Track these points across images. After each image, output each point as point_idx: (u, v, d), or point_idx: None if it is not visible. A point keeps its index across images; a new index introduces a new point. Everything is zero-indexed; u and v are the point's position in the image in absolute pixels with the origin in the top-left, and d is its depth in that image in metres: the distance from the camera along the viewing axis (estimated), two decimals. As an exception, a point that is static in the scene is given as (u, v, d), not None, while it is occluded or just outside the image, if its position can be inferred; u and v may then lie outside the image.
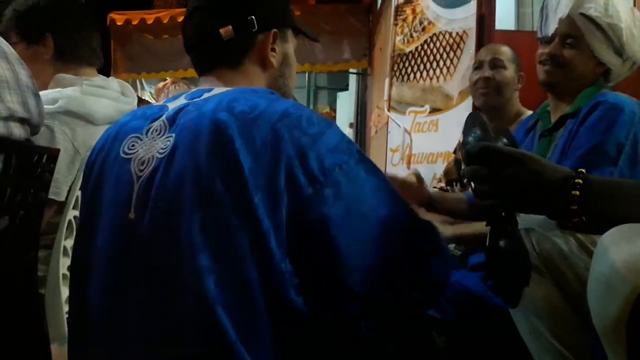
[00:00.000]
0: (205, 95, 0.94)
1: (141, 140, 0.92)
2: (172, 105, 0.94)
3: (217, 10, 1.02)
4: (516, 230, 0.82)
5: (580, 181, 0.73)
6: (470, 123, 0.88)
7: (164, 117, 0.92)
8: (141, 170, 0.89)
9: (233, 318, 0.80)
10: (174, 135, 0.88)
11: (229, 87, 0.97)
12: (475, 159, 0.77)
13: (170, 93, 3.11)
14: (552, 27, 1.49)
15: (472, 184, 0.79)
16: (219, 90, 0.95)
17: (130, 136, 0.93)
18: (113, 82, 1.55)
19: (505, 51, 2.06)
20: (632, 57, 1.44)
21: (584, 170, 0.74)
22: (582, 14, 1.41)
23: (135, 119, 0.97)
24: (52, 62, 1.49)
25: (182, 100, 0.95)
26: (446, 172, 2.25)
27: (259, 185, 0.81)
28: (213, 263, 0.81)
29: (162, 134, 0.90)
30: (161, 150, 0.88)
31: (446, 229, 1.62)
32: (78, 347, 0.95)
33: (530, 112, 2.05)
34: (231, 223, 0.81)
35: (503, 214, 0.80)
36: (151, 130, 0.92)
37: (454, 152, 2.34)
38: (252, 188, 0.81)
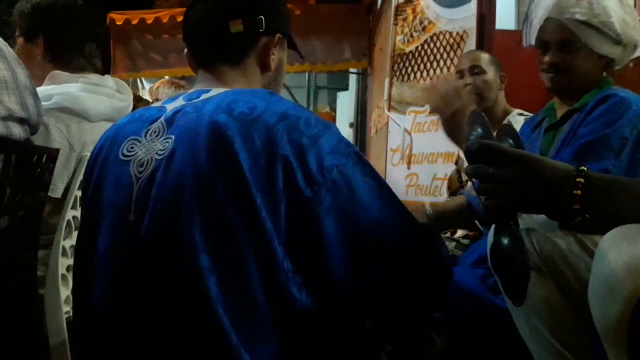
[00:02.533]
0: (204, 96, 0.94)
1: (140, 142, 0.91)
2: (170, 107, 0.94)
3: (229, 3, 1.02)
4: (517, 228, 0.81)
5: (582, 180, 0.72)
6: (472, 121, 0.88)
7: (162, 119, 0.92)
8: (140, 172, 0.88)
9: (234, 319, 0.80)
10: (172, 136, 0.88)
11: (227, 87, 0.97)
12: (476, 156, 0.77)
13: (158, 94, 3.12)
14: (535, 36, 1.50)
15: (475, 181, 0.78)
16: (217, 90, 0.95)
17: (129, 138, 0.93)
18: (108, 80, 1.55)
19: (483, 56, 2.15)
20: (632, 42, 1.44)
21: (585, 168, 0.73)
22: (568, 19, 1.40)
23: (134, 121, 0.96)
24: (42, 63, 1.50)
25: (180, 102, 0.95)
26: (449, 185, 2.27)
27: (259, 186, 0.81)
28: (214, 264, 0.81)
29: (160, 135, 0.90)
30: (160, 152, 0.88)
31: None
32: (82, 348, 0.95)
33: (517, 110, 2.09)
34: (232, 224, 0.81)
35: (506, 212, 0.80)
36: (150, 132, 0.92)
37: (455, 163, 2.35)
38: (254, 189, 0.81)
